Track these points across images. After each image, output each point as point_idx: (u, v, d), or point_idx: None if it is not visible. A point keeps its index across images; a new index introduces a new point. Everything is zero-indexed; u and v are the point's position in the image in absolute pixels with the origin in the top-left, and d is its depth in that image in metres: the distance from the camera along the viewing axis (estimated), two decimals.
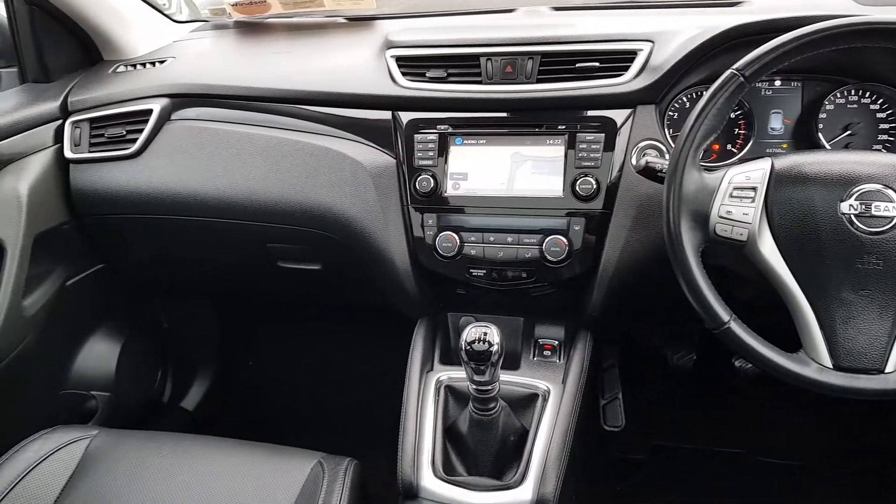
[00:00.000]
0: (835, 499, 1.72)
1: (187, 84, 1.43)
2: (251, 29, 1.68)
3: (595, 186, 1.19)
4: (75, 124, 1.45)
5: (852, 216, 0.92)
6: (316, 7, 1.59)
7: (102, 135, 1.44)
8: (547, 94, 1.22)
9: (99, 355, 1.68)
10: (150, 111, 1.41)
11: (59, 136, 1.46)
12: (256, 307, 2.11)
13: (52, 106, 1.46)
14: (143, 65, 1.55)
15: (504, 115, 1.25)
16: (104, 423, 1.63)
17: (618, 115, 1.21)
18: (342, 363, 2.10)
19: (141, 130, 1.41)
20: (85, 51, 1.60)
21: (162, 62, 1.54)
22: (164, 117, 1.42)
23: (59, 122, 1.46)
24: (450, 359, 1.38)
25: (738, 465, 1.84)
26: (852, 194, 0.92)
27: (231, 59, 1.57)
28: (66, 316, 1.53)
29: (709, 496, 1.75)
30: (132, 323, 1.78)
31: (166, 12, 1.72)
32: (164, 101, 1.42)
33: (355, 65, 1.37)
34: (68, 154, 1.44)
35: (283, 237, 1.41)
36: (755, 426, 1.89)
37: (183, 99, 1.43)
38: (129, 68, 1.54)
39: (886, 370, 0.90)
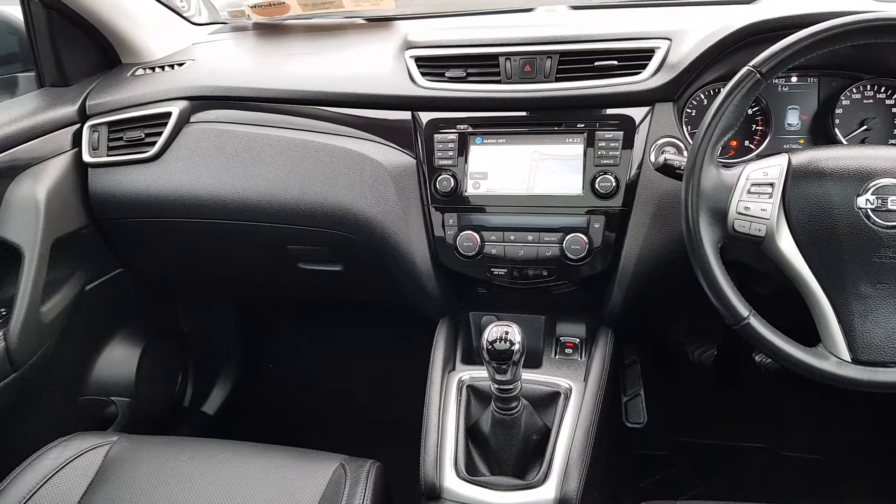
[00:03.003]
0: (856, 493, 1.71)
1: (206, 86, 1.43)
2: (270, 30, 1.68)
3: (614, 184, 1.19)
4: (93, 128, 1.45)
5: (869, 211, 0.92)
6: (335, 8, 1.59)
7: (121, 138, 1.44)
8: (566, 92, 1.23)
9: (118, 360, 1.68)
10: (168, 114, 1.41)
11: (77, 140, 1.46)
12: (277, 309, 2.11)
13: (70, 110, 1.46)
14: (162, 67, 1.55)
15: (523, 114, 1.26)
16: (124, 429, 1.63)
17: (636, 113, 1.21)
18: (364, 364, 2.10)
19: (160, 133, 1.41)
20: (103, 54, 1.60)
21: (181, 65, 1.54)
22: (184, 120, 1.42)
23: (78, 126, 1.47)
24: (471, 358, 1.38)
25: (760, 460, 1.84)
26: (868, 189, 0.92)
27: (250, 61, 1.58)
28: (85, 321, 1.53)
29: (731, 490, 1.75)
30: (152, 327, 1.78)
31: (185, 15, 1.72)
32: (184, 103, 1.42)
33: (374, 65, 1.38)
34: (87, 158, 1.45)
35: (304, 239, 1.41)
36: (776, 420, 1.89)
37: (202, 101, 1.43)
38: (148, 71, 1.55)
39: None
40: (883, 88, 1.21)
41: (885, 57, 1.18)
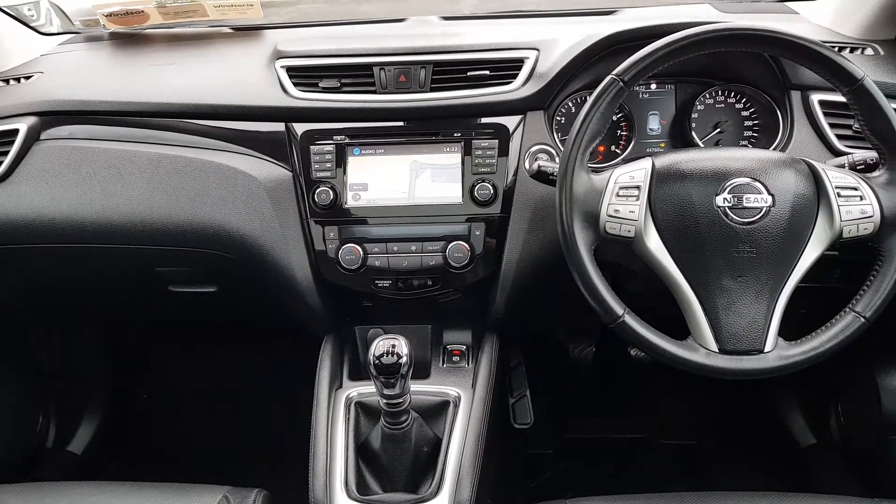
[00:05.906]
0: (727, 471, 1.84)
1: (58, 100, 1.33)
2: (129, 41, 1.58)
3: (492, 191, 1.22)
4: None
5: (727, 209, 0.98)
6: (199, 17, 1.52)
7: None
8: (441, 102, 1.24)
9: None
10: (15, 131, 1.30)
11: None
12: (148, 335, 2.00)
13: None
14: (7, 81, 1.43)
15: (400, 124, 1.26)
16: None
17: (510, 122, 1.25)
18: (247, 388, 2.03)
19: (5, 153, 1.30)
20: None
21: (28, 77, 1.43)
22: (33, 137, 1.31)
23: None
24: (359, 374, 1.36)
25: (641, 449, 1.93)
26: (725, 188, 0.98)
27: (107, 73, 1.48)
28: None
29: (616, 481, 1.82)
30: (4, 362, 1.65)
31: (32, 24, 1.58)
32: (32, 119, 1.32)
33: (244, 75, 1.34)
34: None
35: (173, 260, 1.34)
36: (653, 411, 1.99)
37: (54, 117, 1.33)
38: None
39: (765, 350, 0.97)
40: (732, 93, 1.31)
41: (733, 64, 1.28)
